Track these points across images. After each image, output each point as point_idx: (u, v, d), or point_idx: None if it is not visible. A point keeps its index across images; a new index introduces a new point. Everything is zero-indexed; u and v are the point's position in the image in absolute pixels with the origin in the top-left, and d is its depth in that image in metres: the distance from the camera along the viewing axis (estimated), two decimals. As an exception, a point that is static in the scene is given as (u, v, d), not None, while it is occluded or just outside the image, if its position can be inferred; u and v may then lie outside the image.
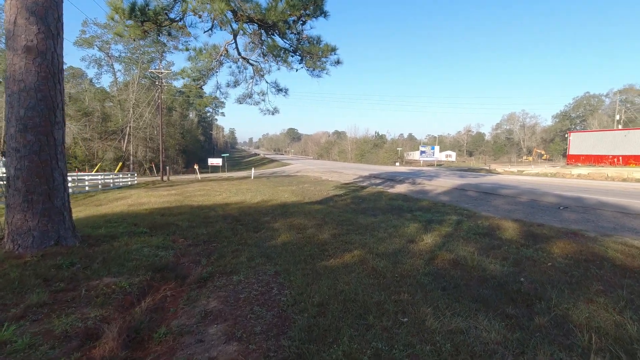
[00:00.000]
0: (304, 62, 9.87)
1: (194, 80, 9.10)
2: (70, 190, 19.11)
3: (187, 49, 9.61)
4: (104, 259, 4.62)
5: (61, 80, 4.95)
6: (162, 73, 33.43)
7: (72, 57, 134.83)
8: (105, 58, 51.23)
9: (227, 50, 9.58)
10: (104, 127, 47.88)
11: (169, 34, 7.53)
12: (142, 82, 51.80)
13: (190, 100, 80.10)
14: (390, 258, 5.07)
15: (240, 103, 11.03)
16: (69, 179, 19.50)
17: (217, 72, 9.81)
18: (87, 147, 45.42)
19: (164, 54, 51.91)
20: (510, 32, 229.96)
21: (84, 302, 3.37)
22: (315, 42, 9.24)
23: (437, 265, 4.81)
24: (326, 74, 9.50)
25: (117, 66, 53.37)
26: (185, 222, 7.93)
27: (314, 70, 9.69)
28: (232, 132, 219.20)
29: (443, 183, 18.01)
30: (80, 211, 11.06)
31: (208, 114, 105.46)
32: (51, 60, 4.76)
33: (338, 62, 9.19)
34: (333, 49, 8.91)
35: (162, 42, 49.11)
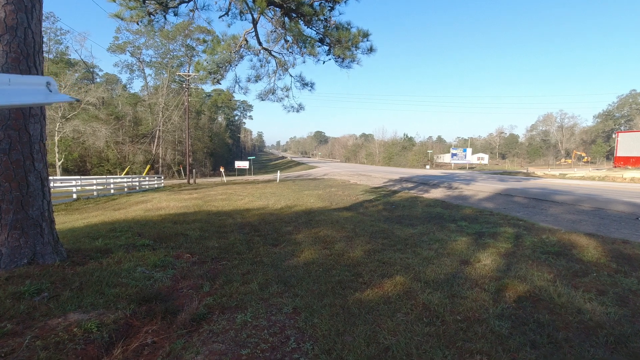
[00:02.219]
0: (332, 52, 8.81)
1: (209, 73, 8.21)
2: (95, 193, 18.91)
3: (204, 41, 8.77)
4: (82, 284, 3.69)
5: (39, 63, 4.10)
6: (189, 76, 33.33)
7: (107, 62, 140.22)
8: (137, 63, 52.31)
9: (246, 41, 8.66)
10: (135, 130, 48.75)
11: (175, 14, 6.67)
12: (172, 86, 52.50)
13: (218, 103, 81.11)
14: (444, 288, 3.87)
15: (262, 99, 10.10)
16: (94, 182, 19.31)
17: (235, 64, 8.91)
18: (119, 150, 46.31)
19: (192, 58, 52.31)
20: (545, 27, 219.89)
21: (21, 357, 2.40)
22: (344, 28, 8.15)
23: (510, 300, 3.58)
24: (357, 64, 8.39)
25: (147, 71, 54.44)
26: (197, 232, 7.00)
27: (343, 60, 8.60)
28: (260, 135, 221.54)
29: (483, 187, 16.40)
30: (95, 216, 10.43)
31: (236, 118, 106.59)
32: (24, 38, 3.91)
33: (371, 49, 8.05)
34: (365, 35, 7.79)
35: (191, 46, 49.61)
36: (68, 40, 44.18)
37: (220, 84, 9.18)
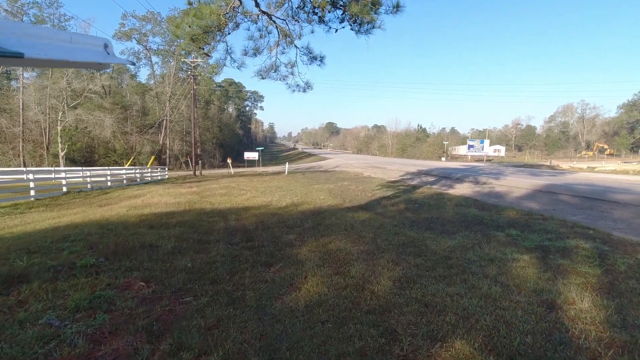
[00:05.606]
0: (346, 16, 7.08)
1: (192, 40, 6.56)
2: (88, 186, 17.57)
3: (189, 3, 7.10)
4: None
5: None
6: (194, 62, 31.79)
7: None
8: (144, 51, 50.97)
9: (240, 1, 6.96)
10: (142, 120, 47.62)
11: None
12: (180, 74, 51.13)
13: (229, 93, 79.66)
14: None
15: (263, 78, 8.43)
16: (87, 173, 17.97)
17: (228, 32, 7.25)
18: (126, 141, 45.29)
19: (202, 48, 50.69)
20: (566, 11, 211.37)
21: None
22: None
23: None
24: (379, 28, 6.62)
25: (154, 59, 53.08)
26: (172, 242, 5.42)
27: (361, 25, 6.86)
28: (271, 126, 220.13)
29: (516, 183, 14.51)
30: (70, 215, 8.99)
31: (247, 108, 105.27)
32: None
33: (397, 7, 6.27)
34: (390, -12, 6.01)
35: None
36: (72, 26, 42.73)
37: (210, 56, 7.53)
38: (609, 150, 76.08)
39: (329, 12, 7.50)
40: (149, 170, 26.65)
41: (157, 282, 3.78)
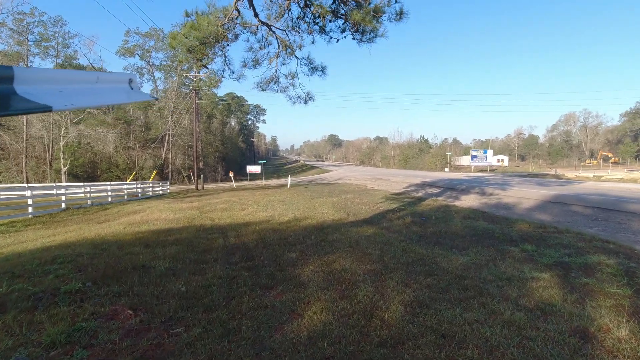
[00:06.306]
0: (348, 25, 6.88)
1: (189, 51, 6.36)
2: (88, 202, 17.35)
3: (187, 15, 6.91)
4: None
5: None
6: (196, 77, 31.87)
7: (115, 66, 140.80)
8: (146, 66, 51.41)
9: (239, 11, 6.79)
10: (145, 135, 47.77)
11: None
12: (182, 89, 51.44)
13: (232, 107, 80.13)
14: None
15: (263, 89, 8.21)
16: (88, 189, 17.76)
17: (227, 44, 7.06)
18: (128, 156, 45.35)
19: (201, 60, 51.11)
20: (565, 21, 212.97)
21: None
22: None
23: None
24: (382, 36, 6.40)
25: (157, 74, 53.50)
26: (167, 262, 5.11)
27: (363, 34, 6.64)
28: (273, 139, 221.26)
29: (524, 193, 14.14)
30: (65, 233, 8.71)
31: (249, 122, 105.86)
32: None
33: (400, 14, 6.05)
34: (394, -6, 5.81)
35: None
36: (76, 44, 43.26)
37: (207, 67, 7.32)
38: (613, 158, 75.59)
39: (330, 21, 7.31)
40: (151, 184, 26.45)
41: (146, 310, 3.46)
